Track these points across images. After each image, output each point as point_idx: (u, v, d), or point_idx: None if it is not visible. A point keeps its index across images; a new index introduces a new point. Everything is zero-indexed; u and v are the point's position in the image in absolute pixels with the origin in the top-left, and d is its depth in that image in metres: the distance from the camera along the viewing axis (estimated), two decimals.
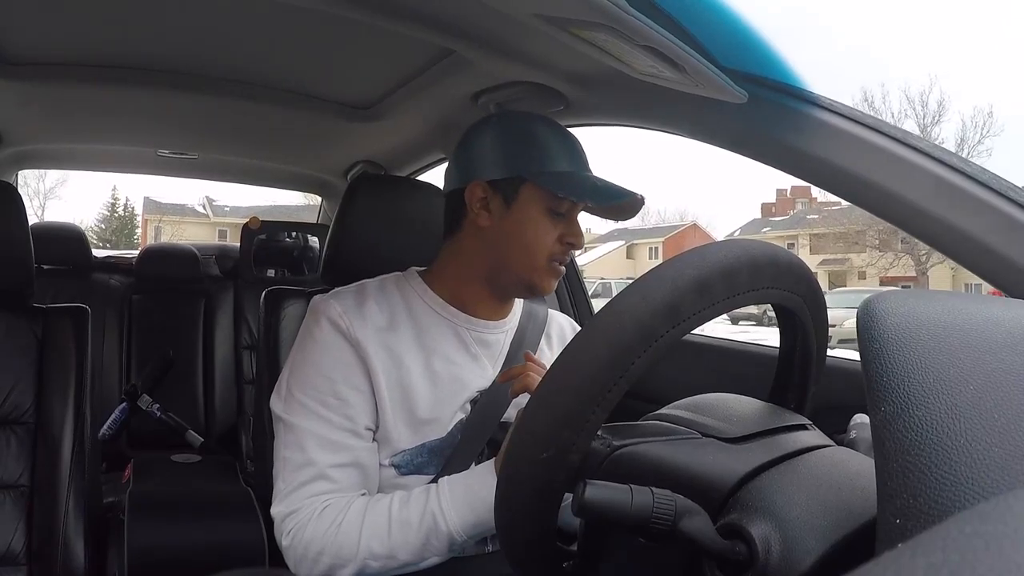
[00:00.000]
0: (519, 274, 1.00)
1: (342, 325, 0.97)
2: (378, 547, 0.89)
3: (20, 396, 1.20)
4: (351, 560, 0.89)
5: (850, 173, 0.83)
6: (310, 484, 0.93)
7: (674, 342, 0.54)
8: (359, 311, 0.98)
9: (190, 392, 2.40)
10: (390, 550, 0.89)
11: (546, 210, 0.97)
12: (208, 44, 1.33)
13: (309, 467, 0.93)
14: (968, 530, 0.20)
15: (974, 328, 0.41)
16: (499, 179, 0.98)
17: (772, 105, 0.89)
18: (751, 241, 0.61)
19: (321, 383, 0.95)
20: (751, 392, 0.69)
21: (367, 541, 0.89)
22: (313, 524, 0.91)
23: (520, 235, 0.98)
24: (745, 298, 0.57)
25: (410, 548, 0.89)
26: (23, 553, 1.14)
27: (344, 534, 0.89)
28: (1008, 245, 0.72)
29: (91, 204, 48.37)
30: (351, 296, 1.01)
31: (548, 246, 0.98)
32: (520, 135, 1.00)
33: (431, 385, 0.98)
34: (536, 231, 0.98)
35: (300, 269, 2.56)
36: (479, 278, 1.03)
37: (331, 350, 0.96)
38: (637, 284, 0.55)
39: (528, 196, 0.97)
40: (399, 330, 0.99)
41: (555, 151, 0.99)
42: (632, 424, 0.63)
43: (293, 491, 0.94)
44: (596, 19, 0.75)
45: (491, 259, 1.01)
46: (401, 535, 0.89)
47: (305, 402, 0.95)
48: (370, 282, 1.06)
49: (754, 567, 0.48)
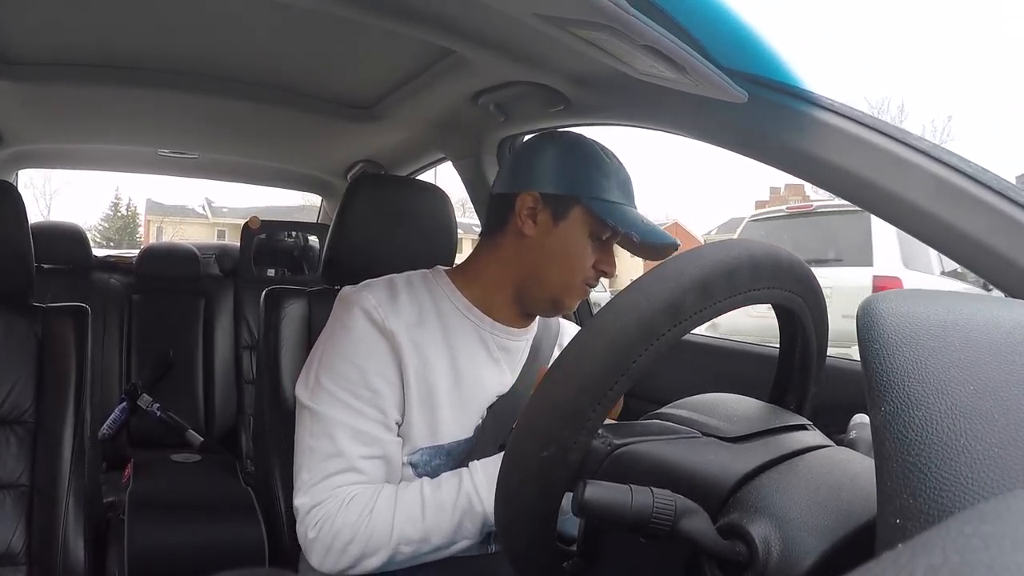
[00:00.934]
0: (551, 290, 1.01)
1: (376, 316, 0.96)
2: (412, 531, 0.89)
3: (20, 395, 1.20)
4: (383, 546, 0.89)
5: (850, 173, 0.83)
6: (338, 475, 0.92)
7: (675, 341, 0.54)
8: (392, 304, 0.98)
9: (190, 392, 2.40)
10: (424, 533, 0.89)
11: (590, 235, 0.99)
12: (208, 44, 1.33)
13: (339, 458, 0.93)
14: (968, 530, 0.20)
15: (974, 328, 0.41)
16: (553, 194, 0.99)
17: (772, 105, 0.89)
18: (752, 241, 0.61)
19: (353, 373, 0.95)
20: (751, 392, 0.69)
21: (400, 526, 0.89)
22: (343, 513, 0.90)
23: (561, 253, 1.00)
24: (746, 297, 0.57)
25: (444, 531, 0.90)
26: (23, 553, 1.14)
27: (376, 521, 0.89)
28: (1008, 245, 0.72)
29: (95, 204, 48.79)
30: (383, 288, 1.01)
31: (585, 269, 1.00)
32: (584, 158, 1.01)
33: (454, 385, 0.98)
34: (577, 252, 0.99)
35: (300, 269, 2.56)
36: (510, 285, 1.03)
37: (365, 340, 0.96)
38: (638, 283, 0.55)
39: (577, 217, 0.99)
40: (427, 327, 0.99)
41: (611, 181, 1.00)
42: (632, 423, 0.63)
43: (320, 482, 0.93)
44: (596, 19, 0.75)
45: (526, 269, 1.02)
46: (435, 518, 0.90)
47: (336, 392, 0.94)
48: (397, 277, 1.05)
49: (754, 567, 0.49)
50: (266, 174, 2.58)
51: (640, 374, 0.54)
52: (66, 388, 1.21)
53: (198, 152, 2.21)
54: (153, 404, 2.10)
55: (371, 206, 1.30)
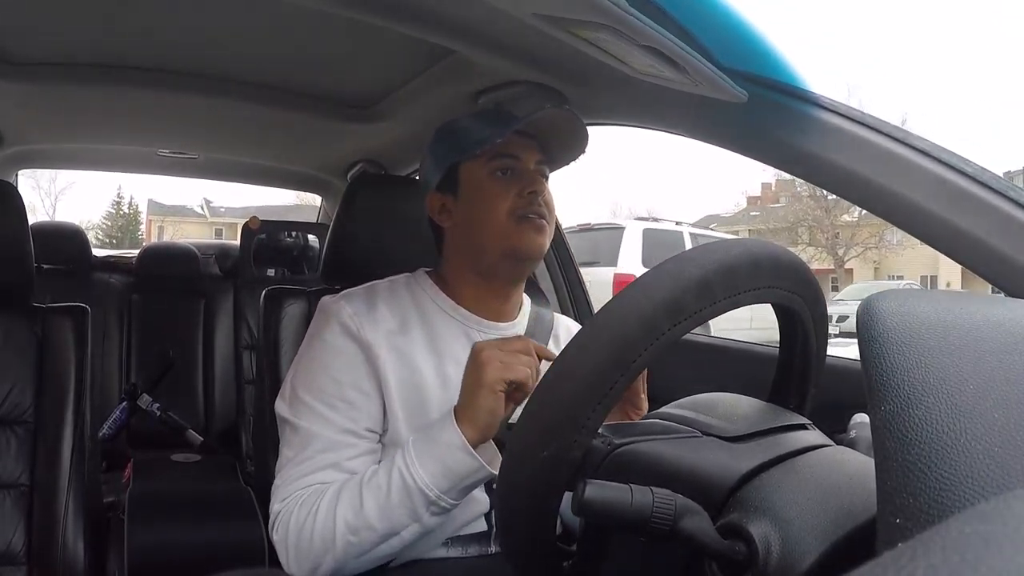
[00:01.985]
0: (494, 246, 0.99)
1: (352, 327, 0.96)
2: (352, 517, 0.85)
3: (20, 395, 1.20)
4: (329, 539, 0.86)
5: (850, 173, 0.83)
6: (301, 479, 0.92)
7: (675, 340, 0.54)
8: (370, 313, 0.98)
9: (190, 391, 2.40)
10: (365, 519, 0.85)
11: (488, 175, 1.00)
12: (208, 44, 1.33)
13: (307, 463, 0.93)
14: (968, 530, 0.20)
15: (974, 328, 0.41)
16: (442, 179, 1.03)
17: (772, 105, 0.89)
18: (753, 240, 0.61)
19: (329, 386, 0.95)
20: (751, 392, 0.69)
21: (341, 513, 0.86)
22: (296, 513, 0.89)
23: (475, 209, 1.01)
24: (746, 297, 0.57)
25: (385, 514, 0.85)
26: (23, 552, 1.14)
27: (320, 515, 0.87)
28: (1008, 245, 0.72)
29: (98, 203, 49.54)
30: (361, 298, 1.01)
31: (505, 204, 0.98)
32: (445, 134, 1.05)
33: (443, 388, 0.97)
34: (485, 196, 1.00)
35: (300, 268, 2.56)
36: (469, 269, 1.04)
37: (341, 352, 0.96)
38: (640, 281, 0.56)
39: (466, 175, 1.02)
40: (410, 333, 0.99)
41: (476, 127, 1.01)
42: (632, 423, 0.63)
43: (286, 486, 0.93)
44: (596, 19, 0.75)
45: (469, 248, 1.03)
46: (373, 501, 0.85)
47: (312, 404, 0.95)
48: (380, 283, 1.06)
49: (754, 567, 0.48)
50: (266, 174, 2.58)
51: (640, 372, 0.54)
52: (66, 388, 1.21)
53: (198, 152, 2.21)
54: (153, 404, 2.09)
55: (371, 206, 1.30)
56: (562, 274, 1.82)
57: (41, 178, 25.14)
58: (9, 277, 1.22)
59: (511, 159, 1.00)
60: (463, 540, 0.96)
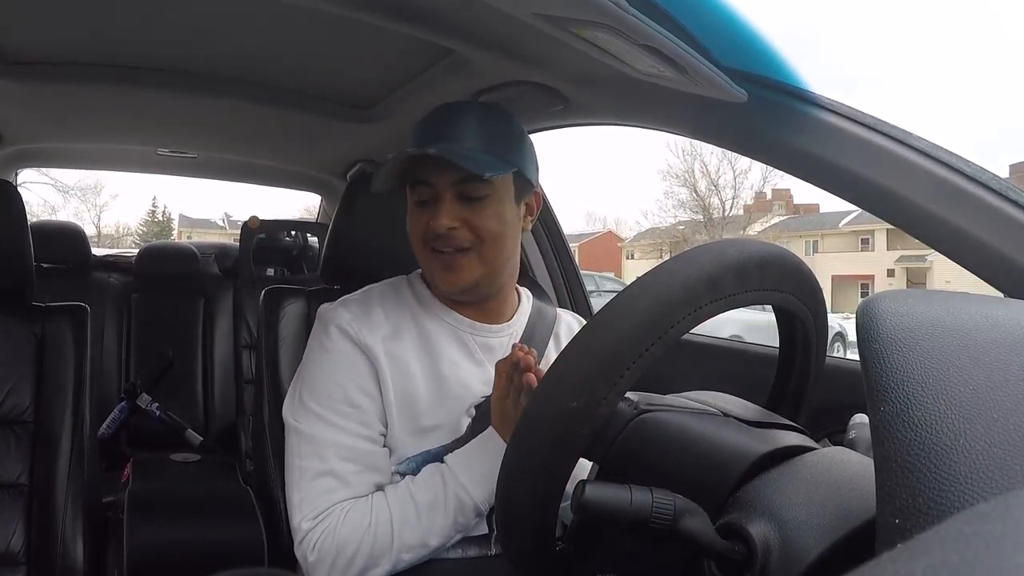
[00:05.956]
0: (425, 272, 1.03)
1: (351, 332, 0.97)
2: (410, 537, 0.90)
3: (19, 395, 1.20)
4: (384, 556, 0.89)
5: (850, 173, 0.83)
6: (331, 493, 0.92)
7: (709, 316, 0.56)
8: (366, 318, 0.99)
9: (189, 391, 2.40)
10: (423, 538, 0.90)
11: (413, 204, 1.01)
12: (208, 43, 1.33)
13: (329, 476, 0.93)
14: (968, 530, 0.20)
15: (974, 328, 0.41)
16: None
17: (772, 105, 0.89)
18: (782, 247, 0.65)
19: (335, 392, 0.96)
20: (751, 392, 0.69)
21: (400, 533, 0.90)
22: (343, 528, 0.90)
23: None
24: (771, 296, 0.60)
25: (440, 531, 0.91)
26: (22, 552, 1.14)
27: (378, 531, 0.89)
28: (1008, 245, 0.72)
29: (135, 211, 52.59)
30: (357, 303, 1.02)
31: (417, 234, 0.99)
32: None
33: (436, 392, 0.98)
34: (409, 222, 1.01)
35: (299, 268, 2.56)
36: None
37: (342, 358, 0.97)
38: (681, 256, 0.58)
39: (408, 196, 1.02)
40: (404, 338, 1.00)
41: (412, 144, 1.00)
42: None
43: (314, 501, 0.92)
44: (596, 18, 0.75)
45: None
46: (430, 520, 0.90)
47: (321, 412, 0.95)
48: (375, 287, 1.06)
49: (753, 566, 0.49)
50: (265, 174, 2.58)
51: (674, 341, 0.55)
52: (65, 388, 1.21)
53: (197, 152, 2.21)
54: (152, 404, 2.09)
55: (371, 206, 1.30)
56: (562, 274, 1.81)
57: (87, 191, 27.14)
58: (8, 276, 1.22)
59: (424, 187, 0.98)
60: (464, 542, 0.96)
